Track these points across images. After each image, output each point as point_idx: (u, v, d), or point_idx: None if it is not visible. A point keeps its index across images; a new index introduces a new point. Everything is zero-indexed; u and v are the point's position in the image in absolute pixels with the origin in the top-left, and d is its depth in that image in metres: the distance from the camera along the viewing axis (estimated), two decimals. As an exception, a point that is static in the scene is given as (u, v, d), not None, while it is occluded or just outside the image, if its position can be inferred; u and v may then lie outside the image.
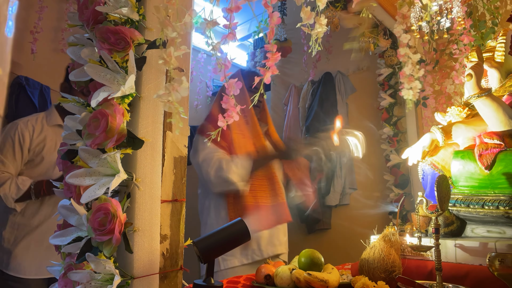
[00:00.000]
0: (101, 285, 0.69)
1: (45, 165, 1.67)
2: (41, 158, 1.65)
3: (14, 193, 1.57)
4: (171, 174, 0.86)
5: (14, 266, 1.58)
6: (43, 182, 1.62)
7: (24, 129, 1.64)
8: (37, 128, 1.67)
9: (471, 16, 1.99)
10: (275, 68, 0.81)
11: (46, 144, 1.67)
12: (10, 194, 1.56)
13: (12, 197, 1.57)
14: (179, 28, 0.74)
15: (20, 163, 1.63)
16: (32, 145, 1.64)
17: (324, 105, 2.80)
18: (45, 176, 1.66)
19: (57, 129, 1.72)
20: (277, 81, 3.31)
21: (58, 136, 1.72)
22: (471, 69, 1.29)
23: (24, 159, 1.63)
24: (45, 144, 1.67)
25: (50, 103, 2.32)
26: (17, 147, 1.61)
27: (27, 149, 1.63)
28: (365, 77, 2.76)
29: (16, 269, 1.58)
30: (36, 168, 1.66)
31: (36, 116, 1.71)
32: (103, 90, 0.73)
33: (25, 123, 1.66)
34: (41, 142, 1.66)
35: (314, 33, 0.77)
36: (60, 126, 1.73)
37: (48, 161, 1.67)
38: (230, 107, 0.77)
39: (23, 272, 1.58)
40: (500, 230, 1.14)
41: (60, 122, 1.72)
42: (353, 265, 1.17)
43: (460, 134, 1.30)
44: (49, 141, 1.68)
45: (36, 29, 2.23)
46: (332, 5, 2.26)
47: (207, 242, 0.82)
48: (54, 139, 1.70)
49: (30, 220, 1.64)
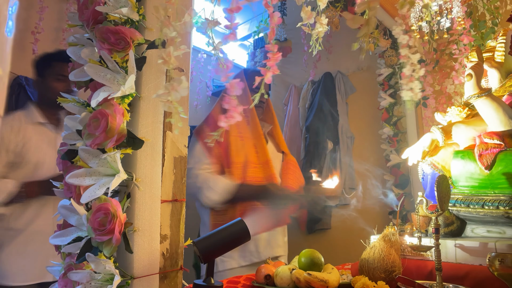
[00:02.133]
0: (101, 285, 0.69)
1: (29, 166, 1.57)
2: (22, 159, 1.55)
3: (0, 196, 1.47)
4: (171, 174, 0.86)
5: (0, 273, 1.49)
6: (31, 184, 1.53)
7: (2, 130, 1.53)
8: (15, 127, 1.57)
9: (471, 16, 1.99)
10: (276, 68, 0.81)
11: (27, 144, 1.57)
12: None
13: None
14: (179, 27, 0.74)
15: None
16: (10, 145, 1.54)
17: (324, 105, 2.80)
18: (31, 178, 1.56)
19: (38, 127, 1.63)
20: (277, 81, 3.31)
21: (39, 135, 1.62)
22: (471, 69, 1.29)
23: (3, 161, 1.54)
24: (25, 144, 1.57)
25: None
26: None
27: (5, 151, 1.53)
28: (365, 77, 2.76)
29: (2, 276, 1.49)
30: (19, 170, 1.56)
31: (13, 116, 1.61)
32: (103, 90, 0.73)
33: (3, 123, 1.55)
34: (21, 141, 1.56)
35: (314, 32, 0.77)
36: (41, 124, 1.64)
37: (31, 161, 1.57)
38: (232, 108, 0.77)
39: (11, 279, 1.50)
40: (500, 230, 1.14)
41: (40, 120, 1.63)
42: (353, 265, 1.17)
43: (460, 134, 1.30)
44: (29, 141, 1.58)
45: (37, 30, 2.23)
46: (332, 5, 2.26)
47: (207, 242, 0.82)
48: (35, 138, 1.60)
49: (15, 224, 1.55)
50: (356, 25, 0.78)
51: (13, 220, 1.55)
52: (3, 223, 1.54)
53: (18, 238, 1.55)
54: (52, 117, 1.68)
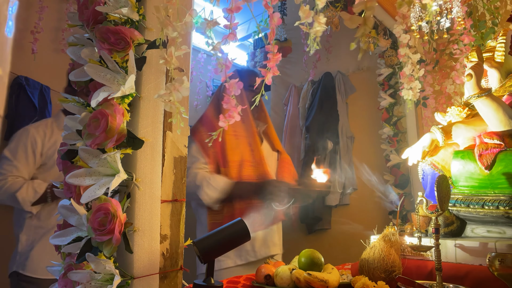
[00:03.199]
0: (101, 285, 0.69)
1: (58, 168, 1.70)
2: (53, 161, 1.70)
3: (32, 196, 1.62)
4: (171, 174, 0.86)
5: (31, 267, 1.63)
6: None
7: (36, 134, 1.70)
8: (48, 132, 1.73)
9: (471, 16, 1.99)
10: (276, 69, 0.81)
11: (56, 147, 1.70)
12: (27, 198, 1.61)
13: (30, 200, 1.62)
14: (180, 27, 0.74)
15: (32, 168, 1.68)
16: (44, 149, 1.69)
17: (324, 105, 2.80)
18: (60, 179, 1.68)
19: None
20: (277, 81, 3.31)
21: None
22: (471, 69, 1.29)
23: (37, 163, 1.69)
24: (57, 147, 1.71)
25: (50, 103, 2.33)
26: (29, 152, 1.67)
27: (39, 154, 1.68)
28: (365, 77, 2.76)
29: (33, 270, 1.63)
30: (49, 172, 1.71)
31: (46, 121, 1.78)
32: (103, 90, 0.73)
33: (36, 128, 1.72)
34: (53, 146, 1.72)
35: (312, 31, 0.77)
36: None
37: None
38: (231, 107, 0.77)
39: (40, 272, 1.62)
40: (500, 230, 1.14)
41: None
42: (353, 265, 1.17)
43: (460, 134, 1.30)
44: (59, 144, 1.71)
45: (36, 29, 2.23)
46: (332, 5, 2.27)
47: (207, 242, 0.82)
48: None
49: (46, 222, 1.68)
50: (354, 25, 0.78)
51: (44, 218, 1.68)
52: (35, 222, 1.68)
53: (48, 235, 1.66)
54: None
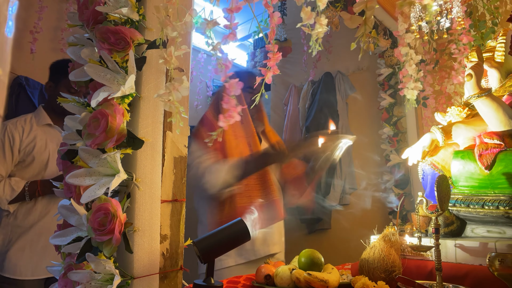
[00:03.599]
0: (101, 285, 0.69)
1: (37, 165, 1.67)
2: (32, 158, 1.65)
3: (8, 194, 1.57)
4: (171, 174, 0.86)
5: (10, 267, 1.58)
6: (38, 182, 1.62)
7: (14, 130, 1.64)
8: (26, 128, 1.68)
9: (471, 16, 1.99)
10: (276, 68, 0.81)
11: (36, 144, 1.67)
12: (4, 196, 1.57)
13: (6, 198, 1.57)
14: (180, 27, 0.74)
15: (10, 164, 1.63)
16: (22, 145, 1.64)
17: (324, 105, 2.80)
18: (38, 177, 1.67)
19: (47, 128, 1.73)
20: (277, 81, 3.31)
21: (48, 135, 1.72)
22: (471, 69, 1.29)
23: (15, 160, 1.64)
24: (35, 143, 1.67)
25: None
26: (7, 148, 1.61)
27: (17, 150, 1.63)
28: (365, 77, 2.76)
29: (11, 270, 1.58)
30: (27, 169, 1.66)
31: (24, 117, 1.72)
32: (103, 90, 0.73)
33: (14, 124, 1.67)
34: (31, 142, 1.66)
35: (314, 33, 0.77)
36: (50, 126, 1.74)
37: (39, 161, 1.67)
38: (231, 107, 0.77)
39: (19, 273, 1.58)
40: (500, 230, 1.14)
41: (49, 122, 1.74)
42: (353, 265, 1.17)
43: (460, 134, 1.30)
44: (39, 141, 1.69)
45: (36, 29, 2.22)
46: (332, 5, 2.27)
47: (207, 242, 0.82)
48: (44, 138, 1.70)
49: (23, 221, 1.64)
50: (354, 25, 0.78)
51: (21, 217, 1.64)
52: (12, 220, 1.64)
53: (27, 234, 1.64)
54: (60, 120, 1.76)
